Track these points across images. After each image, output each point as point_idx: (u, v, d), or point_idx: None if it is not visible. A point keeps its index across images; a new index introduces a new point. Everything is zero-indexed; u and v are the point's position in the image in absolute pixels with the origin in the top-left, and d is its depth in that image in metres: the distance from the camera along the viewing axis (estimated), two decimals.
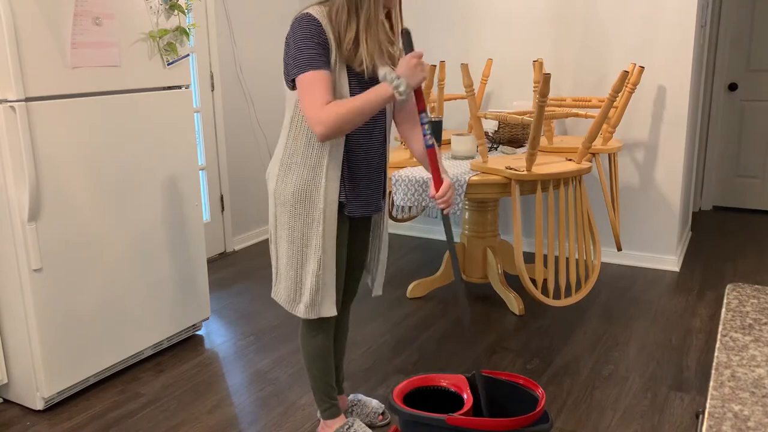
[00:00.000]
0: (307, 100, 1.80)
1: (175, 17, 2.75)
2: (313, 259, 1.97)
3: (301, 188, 1.93)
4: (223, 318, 3.27)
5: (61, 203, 2.39)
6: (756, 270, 3.82)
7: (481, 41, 4.08)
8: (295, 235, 1.97)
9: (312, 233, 1.96)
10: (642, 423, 2.32)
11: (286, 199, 1.95)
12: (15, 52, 2.18)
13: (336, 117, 1.77)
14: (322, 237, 1.95)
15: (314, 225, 1.95)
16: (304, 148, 1.92)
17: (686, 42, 3.58)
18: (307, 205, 1.94)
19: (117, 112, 2.57)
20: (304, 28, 1.80)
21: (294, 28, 1.83)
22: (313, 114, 1.79)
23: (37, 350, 2.38)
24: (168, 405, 2.49)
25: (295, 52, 1.81)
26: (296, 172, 1.93)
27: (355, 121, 1.80)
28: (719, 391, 0.91)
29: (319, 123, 1.78)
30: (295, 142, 1.93)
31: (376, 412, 2.35)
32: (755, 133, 4.95)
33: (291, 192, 1.94)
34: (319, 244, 1.95)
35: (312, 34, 1.80)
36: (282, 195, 1.96)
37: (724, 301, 1.23)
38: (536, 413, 1.81)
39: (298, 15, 1.84)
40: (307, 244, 1.96)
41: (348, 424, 2.18)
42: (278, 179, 1.97)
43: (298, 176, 1.93)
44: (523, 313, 3.21)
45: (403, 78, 1.78)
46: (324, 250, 1.96)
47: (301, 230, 1.96)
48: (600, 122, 2.95)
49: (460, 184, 2.91)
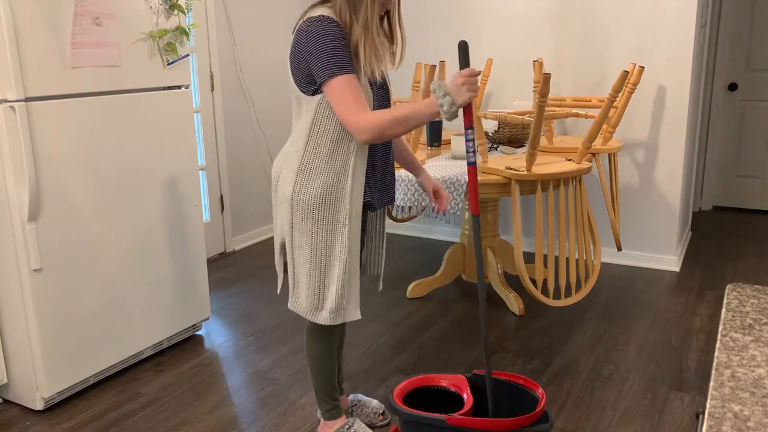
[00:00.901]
0: (344, 107, 1.77)
1: (175, 17, 2.75)
2: (339, 263, 1.93)
3: (327, 192, 1.89)
4: (223, 318, 3.27)
5: (61, 203, 2.39)
6: (756, 270, 3.82)
7: (481, 41, 4.08)
8: (318, 241, 1.93)
9: (336, 237, 1.92)
10: (642, 423, 2.32)
11: (309, 204, 1.90)
12: (15, 52, 2.18)
13: (379, 127, 1.76)
14: (348, 239, 1.92)
15: (339, 228, 1.92)
16: (328, 153, 1.88)
17: (686, 42, 3.58)
18: (332, 208, 1.91)
19: (117, 112, 2.57)
20: (327, 29, 1.76)
21: (313, 30, 1.77)
22: (355, 120, 1.76)
23: (37, 350, 2.38)
24: (168, 405, 2.49)
25: (322, 54, 1.75)
26: (320, 177, 1.89)
27: (398, 130, 1.77)
28: (719, 391, 0.91)
29: (363, 131, 1.76)
30: (317, 148, 1.88)
31: (376, 413, 2.35)
32: (755, 133, 4.95)
33: (315, 197, 1.89)
34: (345, 246, 1.92)
35: (336, 35, 1.76)
36: (303, 201, 1.91)
37: (724, 301, 1.23)
38: (536, 413, 1.81)
39: (314, 17, 1.79)
40: (332, 248, 1.93)
41: (348, 424, 2.18)
42: (296, 185, 1.91)
43: (323, 181, 1.89)
44: (523, 313, 3.21)
45: (449, 96, 1.74)
46: (350, 253, 1.94)
47: (324, 235, 1.92)
48: (600, 122, 2.95)
49: (461, 185, 2.91)
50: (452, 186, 2.93)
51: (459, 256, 3.52)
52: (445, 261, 3.52)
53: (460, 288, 3.57)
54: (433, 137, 3.55)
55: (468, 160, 1.82)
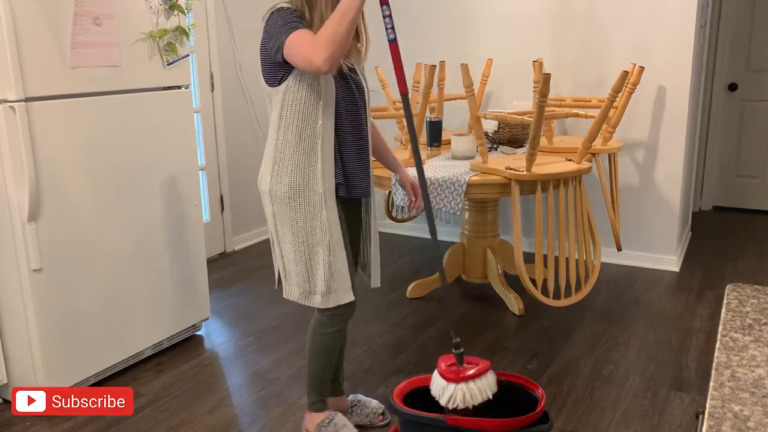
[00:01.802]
0: (299, 48, 1.81)
1: (175, 17, 2.74)
2: (322, 246, 2.00)
3: (299, 178, 1.96)
4: (223, 318, 3.27)
5: (61, 203, 2.39)
6: (756, 270, 3.82)
7: (481, 41, 4.07)
8: (298, 228, 1.99)
9: (316, 221, 1.99)
10: (642, 423, 2.32)
11: (284, 193, 1.98)
12: (15, 52, 2.18)
13: (326, 38, 1.76)
14: (327, 222, 1.98)
15: (317, 212, 1.98)
16: (296, 140, 1.95)
17: (686, 42, 3.58)
18: (307, 194, 1.97)
19: (117, 112, 2.57)
20: (284, 15, 1.85)
21: (272, 18, 1.87)
22: (309, 50, 1.78)
23: (37, 350, 2.38)
24: (168, 405, 2.49)
25: (277, 28, 1.84)
26: (291, 164, 1.96)
27: (344, 31, 1.76)
28: (719, 391, 0.91)
29: (316, 55, 1.76)
30: (285, 135, 1.96)
31: (376, 413, 2.35)
32: (755, 133, 4.94)
33: (288, 185, 1.97)
34: (325, 229, 1.99)
35: (290, 13, 1.86)
36: (278, 191, 1.98)
37: (724, 301, 1.23)
38: (536, 413, 1.81)
39: (274, 9, 1.89)
40: (313, 233, 1.99)
41: (329, 417, 2.21)
42: (272, 178, 1.99)
43: (294, 167, 1.96)
44: (523, 313, 3.21)
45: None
46: (331, 234, 1.99)
47: (303, 221, 1.99)
48: (600, 122, 2.95)
49: (460, 185, 2.91)
50: (452, 186, 2.93)
51: (459, 256, 3.52)
52: (445, 261, 3.51)
53: (460, 288, 3.57)
54: (433, 137, 3.55)
55: (387, 36, 1.86)
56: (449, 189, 2.93)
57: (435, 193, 2.96)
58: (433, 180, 2.96)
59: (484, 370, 1.88)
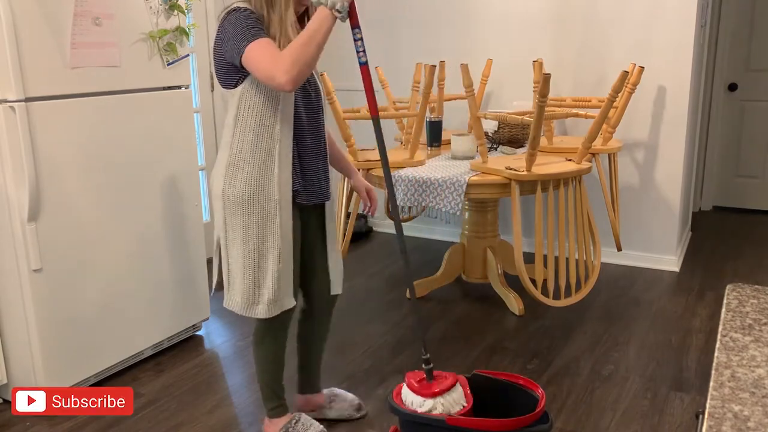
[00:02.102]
0: (260, 63, 1.78)
1: (175, 17, 2.74)
2: (272, 253, 1.95)
3: (254, 183, 1.91)
4: (223, 318, 3.27)
5: (61, 203, 2.39)
6: (756, 270, 3.82)
7: (481, 41, 4.07)
8: (249, 234, 1.94)
9: (269, 228, 1.94)
10: (642, 423, 2.32)
11: (237, 197, 1.93)
12: (15, 52, 2.18)
13: (292, 58, 1.74)
14: (280, 229, 1.94)
15: (270, 218, 1.93)
16: (253, 142, 1.91)
17: (686, 42, 3.58)
18: (261, 199, 1.92)
19: (117, 112, 2.57)
20: (241, 16, 1.82)
21: (229, 19, 1.83)
22: (273, 67, 1.75)
23: (37, 350, 2.38)
24: (168, 405, 2.49)
25: (237, 33, 1.80)
26: (246, 168, 1.92)
27: (311, 54, 1.76)
28: (719, 391, 0.91)
29: (278, 72, 1.75)
30: (242, 137, 1.91)
31: (353, 406, 2.37)
32: (755, 133, 4.94)
33: (242, 189, 1.92)
34: (277, 237, 1.94)
35: (251, 20, 1.82)
36: (232, 194, 1.93)
37: (724, 301, 1.23)
38: (536, 413, 1.81)
39: (230, 9, 1.85)
40: (264, 239, 1.95)
41: (295, 418, 2.20)
42: (225, 180, 1.94)
43: (249, 172, 1.91)
44: (523, 313, 3.21)
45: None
46: (283, 242, 1.95)
47: (256, 227, 1.94)
48: (600, 122, 2.95)
49: (460, 185, 2.91)
50: (452, 186, 2.93)
51: (459, 256, 3.52)
52: (445, 261, 3.51)
53: (460, 288, 3.57)
54: (433, 137, 3.55)
55: (359, 59, 1.85)
56: (449, 189, 2.93)
57: (435, 193, 2.97)
58: (433, 180, 2.96)
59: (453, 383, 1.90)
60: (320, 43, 1.78)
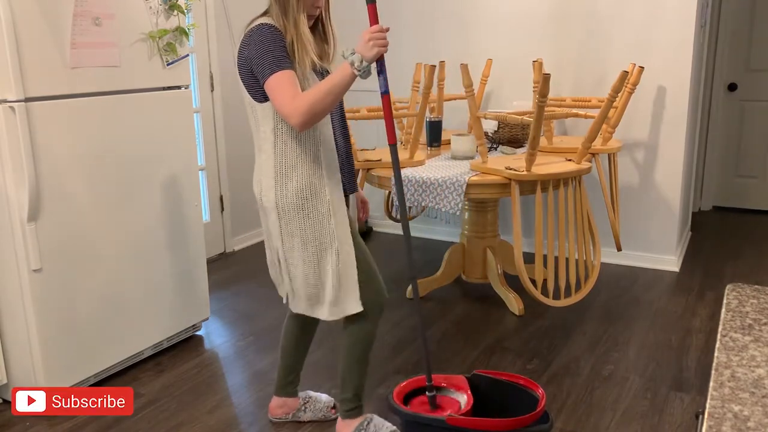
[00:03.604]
0: (279, 98, 1.84)
1: (175, 17, 2.74)
2: (331, 253, 1.98)
3: (305, 187, 1.95)
4: (223, 318, 3.27)
5: (60, 203, 2.39)
6: (756, 270, 3.82)
7: (481, 41, 4.07)
8: (307, 236, 1.97)
9: (324, 228, 1.97)
10: (642, 423, 2.32)
11: (291, 203, 1.95)
12: (15, 52, 2.18)
13: (309, 104, 1.80)
14: (336, 229, 1.98)
15: (325, 219, 1.97)
16: (298, 149, 1.94)
17: (686, 42, 3.58)
18: (313, 201, 1.96)
19: (117, 112, 2.57)
20: (266, 34, 1.85)
21: (254, 38, 1.87)
22: (288, 106, 1.82)
23: (37, 351, 2.38)
24: (168, 405, 2.49)
25: (261, 57, 1.85)
26: (296, 175, 1.95)
27: (327, 104, 1.83)
28: (719, 391, 0.91)
29: (294, 114, 1.81)
30: (285, 147, 1.94)
31: (328, 406, 2.38)
32: (755, 133, 4.94)
33: (294, 195, 1.95)
34: (333, 236, 1.97)
35: (275, 38, 1.85)
36: (286, 203, 1.96)
37: (724, 301, 1.23)
38: (536, 413, 1.81)
39: (254, 27, 1.88)
40: (321, 241, 1.98)
41: (367, 420, 2.19)
42: (277, 189, 1.96)
43: (299, 177, 1.95)
44: (523, 313, 3.21)
45: (358, 54, 1.81)
46: (340, 241, 1.98)
47: (312, 228, 1.97)
48: (600, 122, 2.95)
49: (460, 185, 2.91)
50: (452, 186, 2.93)
51: (459, 256, 3.52)
52: (445, 261, 3.51)
53: (460, 288, 3.57)
54: (433, 137, 3.55)
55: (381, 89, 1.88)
56: (449, 189, 2.93)
57: (435, 193, 2.97)
58: (433, 180, 2.96)
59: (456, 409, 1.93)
60: (338, 96, 1.85)
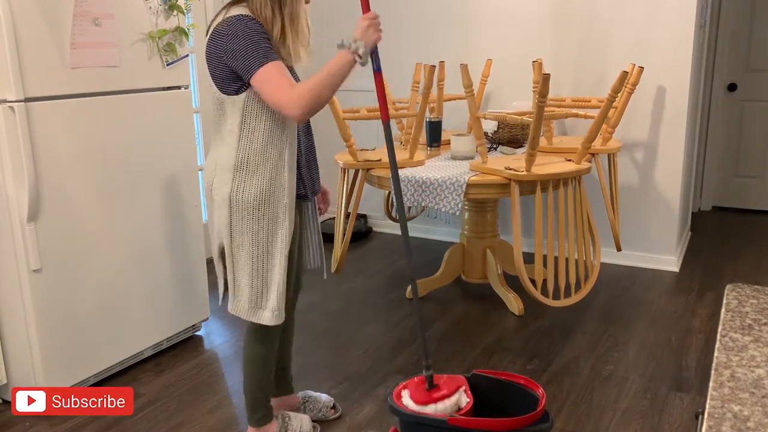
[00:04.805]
0: (273, 89, 1.79)
1: (175, 18, 2.75)
2: (280, 258, 1.95)
3: (266, 188, 1.91)
4: (223, 318, 3.27)
5: (60, 203, 2.38)
6: (756, 270, 3.82)
7: (481, 41, 4.07)
8: (259, 238, 1.93)
9: (278, 232, 1.94)
10: (642, 423, 2.32)
11: (248, 203, 1.91)
12: (14, 52, 2.18)
13: (310, 93, 1.77)
14: (287, 233, 1.95)
15: (279, 223, 1.94)
16: (262, 148, 1.90)
17: (686, 42, 3.58)
18: (272, 203, 1.92)
19: (116, 113, 2.57)
20: (246, 25, 1.80)
21: (234, 29, 1.80)
22: (287, 97, 1.78)
23: (37, 351, 2.38)
24: (168, 405, 2.49)
25: (247, 49, 1.79)
26: (258, 173, 1.90)
27: (328, 93, 1.80)
28: (719, 391, 0.91)
29: (295, 104, 1.77)
30: (250, 144, 1.90)
31: (328, 406, 2.37)
32: (755, 134, 4.94)
33: (255, 195, 1.90)
34: (285, 241, 1.94)
35: (257, 31, 1.80)
36: (242, 200, 1.91)
37: (724, 301, 1.23)
38: (536, 413, 1.81)
39: (231, 17, 1.82)
40: (273, 244, 1.94)
41: (285, 420, 2.19)
42: (234, 184, 1.91)
43: (261, 177, 1.90)
44: (522, 313, 3.21)
45: (360, 41, 1.79)
46: (289, 247, 1.96)
47: (266, 232, 1.93)
48: (599, 122, 2.95)
49: (460, 185, 2.91)
50: (452, 186, 2.93)
51: (459, 256, 3.52)
52: (444, 261, 3.51)
53: (460, 288, 3.57)
54: (432, 137, 3.54)
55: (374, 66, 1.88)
56: (449, 189, 2.93)
57: (434, 193, 2.97)
58: (433, 180, 2.96)
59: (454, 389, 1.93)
60: (337, 85, 1.82)
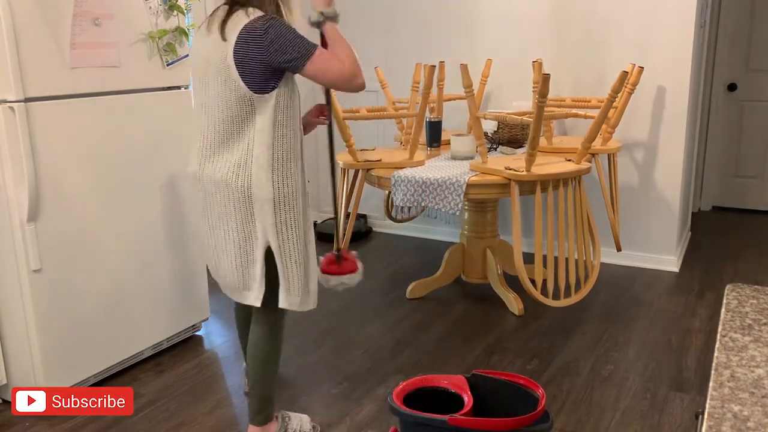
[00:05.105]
0: (333, 66, 1.89)
1: (175, 18, 2.75)
2: (311, 246, 2.08)
3: (298, 181, 2.00)
4: (223, 318, 3.27)
5: (60, 203, 2.38)
6: (756, 270, 3.82)
7: (481, 41, 4.08)
8: (301, 230, 2.02)
9: (307, 222, 2.06)
10: (642, 423, 2.32)
11: (290, 196, 1.98)
12: (14, 52, 2.18)
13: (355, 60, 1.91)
14: (311, 225, 2.08)
15: (306, 215, 2.05)
16: (292, 145, 1.97)
17: (686, 42, 3.58)
18: (303, 195, 2.03)
19: (116, 113, 2.57)
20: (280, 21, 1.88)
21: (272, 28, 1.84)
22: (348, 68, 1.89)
23: (37, 351, 2.38)
24: (168, 405, 2.49)
25: (294, 40, 1.85)
26: (292, 171, 1.98)
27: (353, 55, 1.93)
28: (719, 391, 0.91)
29: (358, 71, 1.91)
30: (284, 142, 1.94)
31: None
32: (754, 133, 4.94)
33: (292, 192, 1.98)
34: (311, 230, 2.07)
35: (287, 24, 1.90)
36: (285, 194, 1.96)
37: (724, 301, 1.23)
38: (536, 413, 1.81)
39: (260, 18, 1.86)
40: (308, 233, 2.06)
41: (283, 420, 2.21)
42: (275, 184, 1.93)
43: (294, 174, 1.98)
44: (522, 313, 3.21)
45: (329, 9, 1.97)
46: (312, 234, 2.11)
47: (303, 222, 2.03)
48: (599, 122, 2.95)
49: (460, 185, 2.91)
50: (452, 186, 2.93)
51: (459, 256, 3.52)
52: (444, 261, 3.51)
53: (460, 288, 3.57)
54: (432, 137, 3.55)
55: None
56: (449, 189, 2.93)
57: (434, 193, 2.97)
58: (433, 180, 2.96)
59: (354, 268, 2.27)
60: None
